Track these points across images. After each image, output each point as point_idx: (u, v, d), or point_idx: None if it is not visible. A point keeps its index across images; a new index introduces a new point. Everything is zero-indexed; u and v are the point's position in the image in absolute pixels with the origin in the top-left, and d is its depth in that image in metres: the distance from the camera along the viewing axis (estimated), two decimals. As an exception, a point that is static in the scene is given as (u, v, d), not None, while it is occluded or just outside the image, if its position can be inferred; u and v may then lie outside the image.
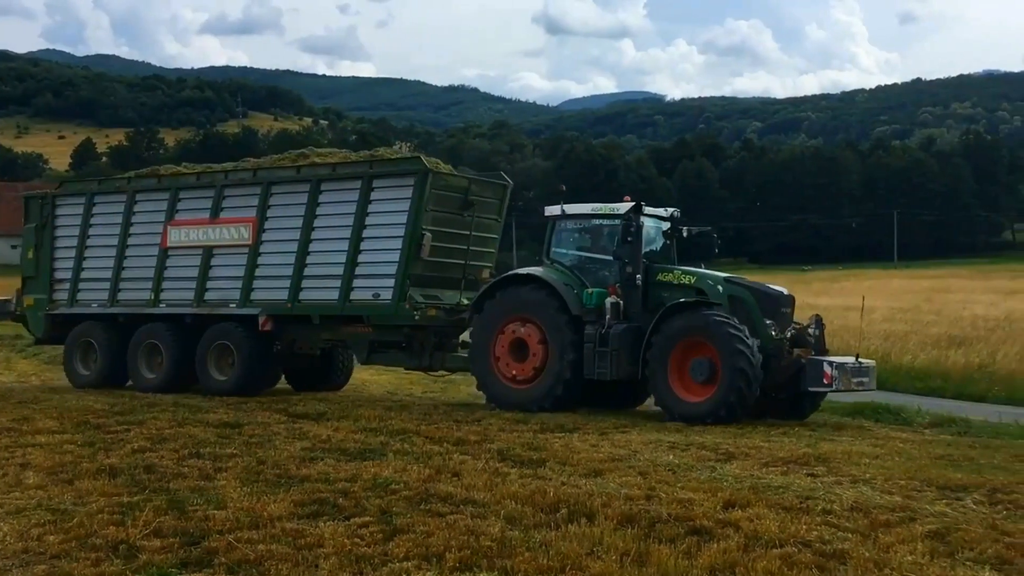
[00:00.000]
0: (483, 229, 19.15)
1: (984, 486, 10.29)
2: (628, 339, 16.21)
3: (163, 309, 20.23)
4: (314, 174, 19.04)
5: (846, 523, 8.61)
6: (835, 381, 15.80)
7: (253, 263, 19.24)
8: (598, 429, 14.45)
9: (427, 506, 9.16)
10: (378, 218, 18.14)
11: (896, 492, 10.05)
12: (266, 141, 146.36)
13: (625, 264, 16.71)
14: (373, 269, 18.07)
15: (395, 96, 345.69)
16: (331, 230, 18.55)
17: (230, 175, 20.34)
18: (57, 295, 21.54)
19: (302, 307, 18.75)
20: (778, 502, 9.38)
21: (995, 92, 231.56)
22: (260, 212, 19.25)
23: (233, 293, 19.39)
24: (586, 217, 17.65)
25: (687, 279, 16.65)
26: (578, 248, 17.68)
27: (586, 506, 8.96)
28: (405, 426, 14.33)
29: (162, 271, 20.27)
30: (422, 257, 17.73)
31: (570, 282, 16.90)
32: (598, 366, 16.26)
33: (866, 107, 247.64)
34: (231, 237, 19.56)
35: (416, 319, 17.83)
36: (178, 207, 20.28)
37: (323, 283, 18.53)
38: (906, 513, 9.00)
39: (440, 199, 18.05)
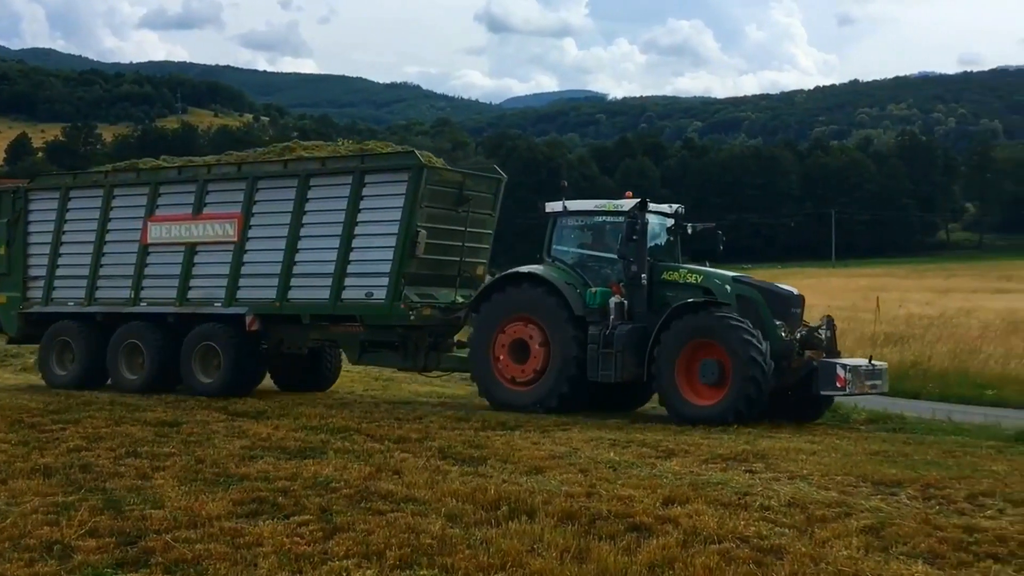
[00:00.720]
0: (478, 225, 18.67)
1: (917, 482, 10.45)
2: (633, 340, 15.77)
3: (144, 308, 19.58)
4: (303, 169, 18.46)
5: (783, 519, 8.70)
6: (849, 384, 15.35)
7: (239, 261, 18.66)
8: (539, 427, 14.48)
9: (367, 504, 9.13)
10: (371, 214, 17.64)
11: (832, 488, 10.18)
12: (206, 137, 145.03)
13: (630, 262, 16.21)
14: (366, 267, 17.58)
15: (337, 93, 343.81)
16: (321, 227, 18.02)
17: (213, 169, 19.77)
18: (31, 293, 20.86)
19: (291, 306, 18.23)
20: (717, 498, 9.47)
21: (930, 94, 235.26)
22: (246, 208, 18.65)
23: (218, 292, 18.81)
24: (589, 214, 17.22)
25: (693, 278, 16.23)
26: (580, 246, 17.26)
27: (527, 503, 8.97)
28: (346, 424, 14.26)
29: (142, 268, 19.64)
30: (417, 255, 17.26)
31: (572, 281, 16.50)
32: (602, 368, 15.85)
33: (805, 107, 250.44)
34: (215, 234, 18.95)
35: (411, 319, 17.36)
36: (158, 202, 19.62)
37: (313, 281, 18.04)
38: (842, 508, 9.12)
39: (434, 195, 17.56)
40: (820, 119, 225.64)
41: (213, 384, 18.46)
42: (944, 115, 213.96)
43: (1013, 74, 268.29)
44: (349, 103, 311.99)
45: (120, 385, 19.31)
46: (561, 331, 16.16)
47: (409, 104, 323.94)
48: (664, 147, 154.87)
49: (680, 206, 17.55)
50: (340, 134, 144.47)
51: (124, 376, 19.40)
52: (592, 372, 15.96)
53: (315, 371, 20.34)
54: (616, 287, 16.24)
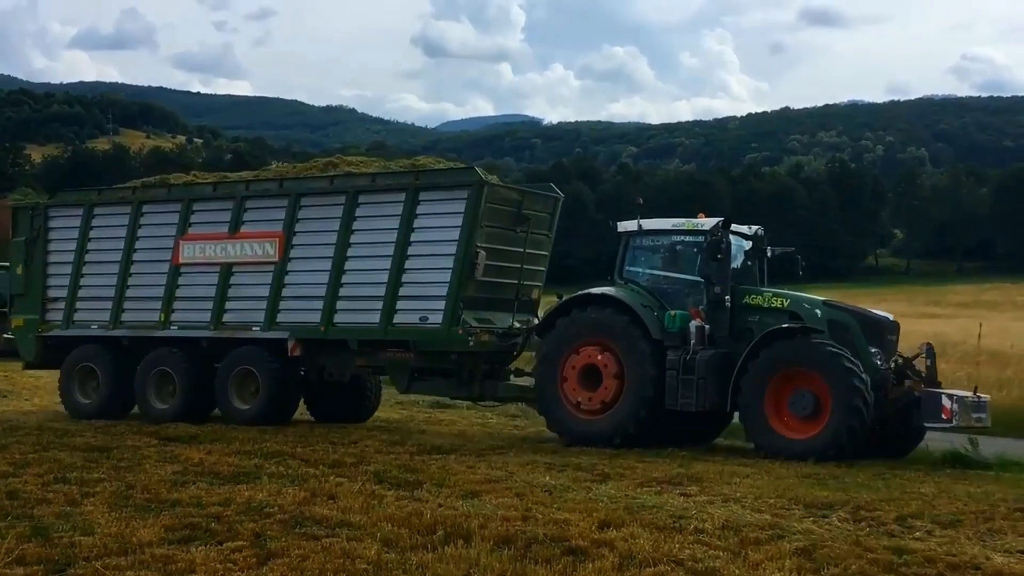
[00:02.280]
0: (535, 246, 17.73)
1: (849, 503, 10.61)
2: (716, 367, 14.89)
3: (175, 332, 18.51)
4: (351, 185, 17.51)
5: (717, 541, 8.77)
6: (955, 416, 14.35)
7: (280, 282, 17.66)
8: (475, 451, 14.50)
9: (302, 529, 9.05)
10: (426, 234, 16.69)
11: (766, 510, 10.31)
12: (138, 158, 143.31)
13: (712, 285, 15.37)
14: (420, 290, 16.62)
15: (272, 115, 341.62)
16: (371, 247, 17.05)
17: (252, 185, 18.71)
18: (50, 315, 19.68)
19: (337, 331, 17.23)
20: (652, 521, 9.53)
21: (859, 122, 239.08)
22: (288, 226, 17.65)
23: (256, 315, 17.79)
24: (666, 233, 16.36)
25: (779, 302, 15.37)
26: (655, 267, 16.40)
27: (463, 528, 8.95)
28: (280, 448, 14.14)
29: (173, 290, 18.57)
30: (475, 277, 16.35)
31: (648, 303, 15.61)
32: (682, 396, 14.96)
33: (737, 134, 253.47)
34: (254, 253, 17.93)
35: (470, 345, 16.41)
36: (192, 220, 18.58)
37: (362, 305, 17.07)
38: (775, 531, 9.22)
39: (493, 213, 16.62)
40: (752, 145, 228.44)
41: (250, 411, 17.51)
42: (872, 143, 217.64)
43: (939, 103, 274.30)
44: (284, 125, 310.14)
45: (149, 414, 18.20)
46: (637, 356, 15.24)
47: (345, 127, 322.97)
48: (599, 172, 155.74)
49: (760, 228, 16.77)
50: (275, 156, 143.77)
51: (153, 404, 18.33)
52: (670, 400, 15.06)
53: (355, 400, 19.20)
54: (695, 311, 15.38)
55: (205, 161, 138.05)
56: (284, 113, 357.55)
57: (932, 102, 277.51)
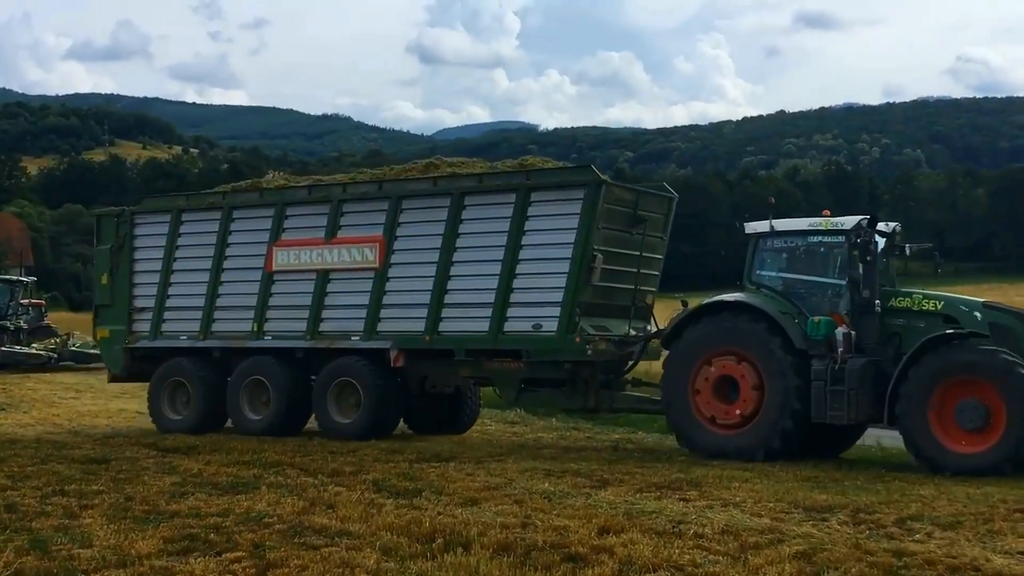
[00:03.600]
0: (650, 249, 16.94)
1: (848, 507, 10.60)
2: (869, 376, 13.98)
3: (269, 342, 17.91)
4: (456, 186, 16.82)
5: (717, 546, 8.76)
6: None
7: (380, 289, 17.00)
8: (474, 458, 14.48)
9: (301, 539, 9.04)
10: (538, 237, 15.98)
11: (765, 514, 10.29)
12: (135, 169, 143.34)
13: (858, 288, 14.35)
14: (533, 296, 15.91)
15: (268, 125, 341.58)
16: (479, 251, 16.40)
17: (349, 188, 18.03)
18: (137, 326, 19.03)
19: (443, 340, 16.58)
20: (651, 527, 9.52)
21: (855, 124, 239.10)
22: (388, 230, 16.97)
23: (355, 324, 17.18)
24: (802, 234, 15.30)
25: (931, 304, 14.34)
26: (790, 270, 15.35)
27: (462, 535, 8.95)
28: (279, 458, 14.12)
29: (267, 298, 17.97)
30: (592, 282, 15.64)
31: (787, 310, 14.70)
32: (831, 407, 13.98)
33: (733, 138, 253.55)
34: (353, 259, 17.30)
35: (588, 354, 15.69)
36: (285, 225, 17.99)
37: (469, 312, 16.39)
38: (774, 535, 9.21)
39: (609, 214, 15.90)
40: (748, 149, 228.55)
41: (351, 425, 16.92)
42: (868, 145, 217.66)
43: (934, 105, 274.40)
44: (280, 135, 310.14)
45: (242, 427, 17.67)
46: (779, 366, 14.30)
47: (341, 136, 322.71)
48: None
49: (897, 224, 15.66)
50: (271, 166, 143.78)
51: (247, 417, 17.76)
52: (817, 412, 14.09)
53: (454, 412, 18.50)
54: (839, 316, 14.44)
55: (201, 172, 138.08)
56: (280, 122, 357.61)
57: (928, 104, 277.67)
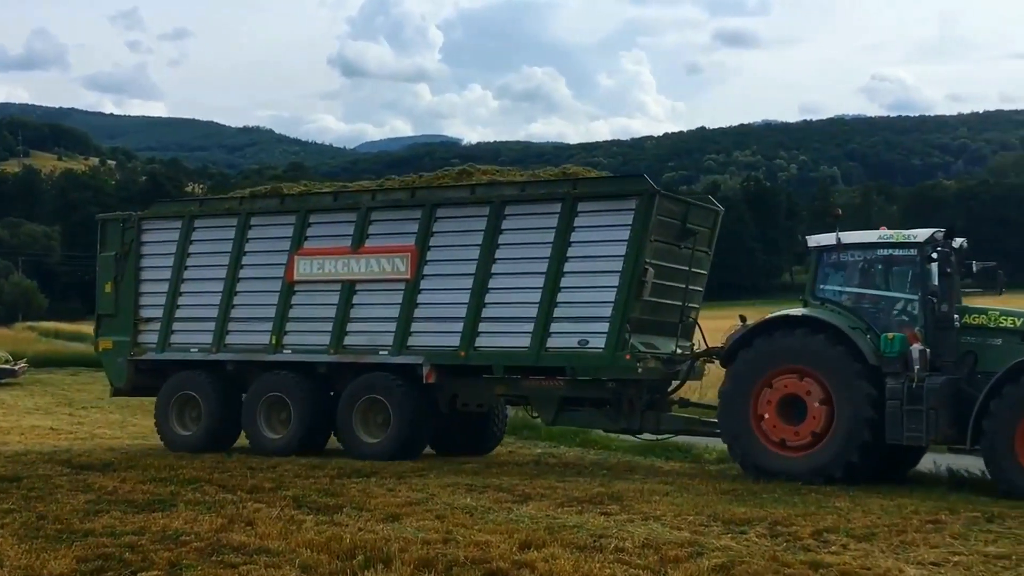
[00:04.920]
0: (697, 264, 16.36)
1: (766, 519, 10.71)
2: (949, 395, 13.34)
3: (288, 356, 17.14)
4: (496, 195, 16.09)
5: (637, 560, 8.80)
6: None
7: (412, 301, 16.24)
8: (396, 473, 14.40)
9: (219, 557, 8.92)
10: (585, 248, 15.26)
11: (685, 528, 10.37)
12: (50, 181, 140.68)
13: (934, 303, 13.82)
14: (579, 311, 15.18)
15: (187, 136, 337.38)
16: (520, 263, 15.68)
17: (379, 196, 17.36)
18: (143, 337, 18.23)
19: (480, 356, 15.82)
20: (573, 541, 9.53)
21: (773, 141, 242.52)
22: (421, 240, 16.28)
23: (384, 338, 16.41)
24: (870, 247, 14.56)
25: (1009, 321, 13.75)
26: (858, 284, 14.73)
27: (383, 551, 8.89)
28: (196, 475, 13.92)
29: (287, 310, 17.19)
30: (643, 297, 15.01)
31: (856, 325, 14.05)
32: (908, 428, 13.29)
33: (655, 153, 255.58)
34: (382, 270, 16.55)
35: (639, 372, 15.02)
36: (308, 233, 17.22)
37: (509, 327, 15.65)
38: (694, 548, 9.26)
39: (660, 226, 15.21)
40: (669, 164, 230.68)
41: (380, 444, 16.22)
42: (786, 161, 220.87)
43: (849, 122, 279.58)
44: (200, 147, 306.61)
45: (260, 445, 16.93)
46: (849, 385, 13.62)
47: (262, 148, 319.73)
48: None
49: (964, 240, 14.91)
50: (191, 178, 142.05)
51: (264, 435, 17.04)
52: (893, 433, 13.43)
53: (480, 431, 17.74)
54: (912, 333, 13.81)
55: (119, 184, 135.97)
56: (200, 134, 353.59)
57: (843, 121, 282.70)
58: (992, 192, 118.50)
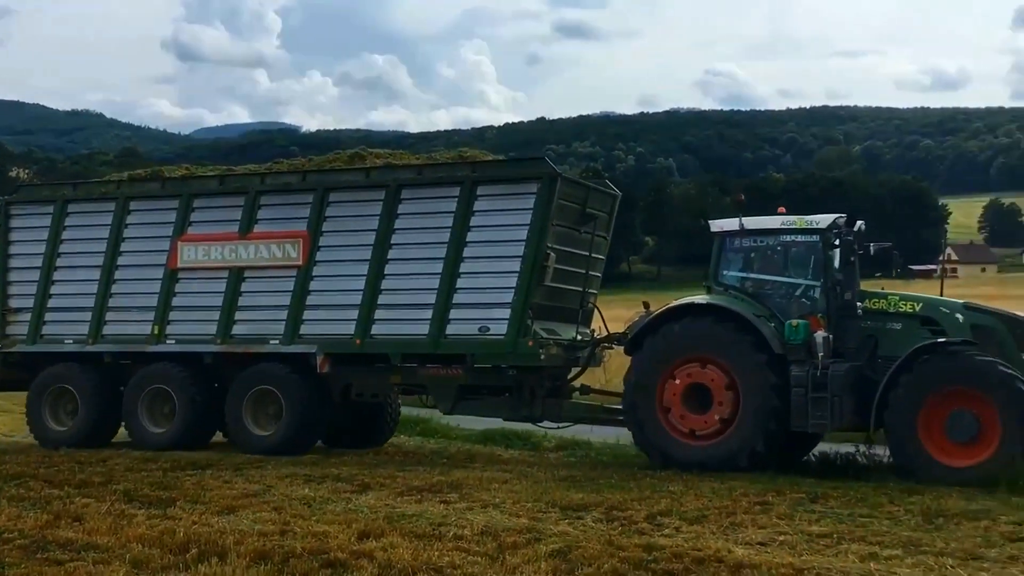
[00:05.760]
0: (597, 249, 16.14)
1: (602, 504, 10.89)
2: (852, 381, 13.32)
3: (172, 346, 16.53)
4: (392, 178, 15.66)
5: (476, 547, 8.85)
6: None
7: (304, 289, 15.77)
8: (233, 465, 14.16)
9: (44, 554, 8.62)
10: (485, 233, 14.97)
11: (523, 514, 10.47)
12: None
13: (836, 289, 13.87)
14: (479, 297, 14.86)
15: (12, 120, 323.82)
16: (417, 248, 15.32)
17: (268, 180, 16.77)
18: (12, 329, 17.32)
19: (376, 344, 15.42)
20: (412, 530, 9.54)
21: (612, 132, 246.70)
22: (313, 225, 15.83)
23: (275, 326, 15.91)
24: (773, 232, 14.48)
25: (909, 306, 13.81)
26: (760, 271, 14.57)
27: (218, 545, 8.73)
28: (21, 470, 13.44)
29: (170, 298, 16.57)
30: (544, 282, 14.72)
31: (761, 313, 13.92)
32: (813, 415, 13.22)
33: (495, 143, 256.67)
34: (272, 256, 16.04)
35: (541, 359, 14.73)
36: (192, 219, 16.62)
37: (406, 314, 15.26)
38: (532, 534, 9.36)
39: (562, 210, 14.96)
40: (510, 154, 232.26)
41: (271, 437, 15.75)
42: (624, 153, 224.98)
43: (685, 115, 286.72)
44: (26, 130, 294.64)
45: (143, 440, 16.26)
46: (755, 373, 13.53)
47: (92, 132, 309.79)
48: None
49: (862, 223, 14.81)
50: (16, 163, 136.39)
51: (147, 429, 16.38)
52: (798, 421, 13.36)
53: (373, 423, 17.36)
54: (815, 319, 13.76)
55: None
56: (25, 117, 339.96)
57: (679, 115, 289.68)
58: (818, 184, 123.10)
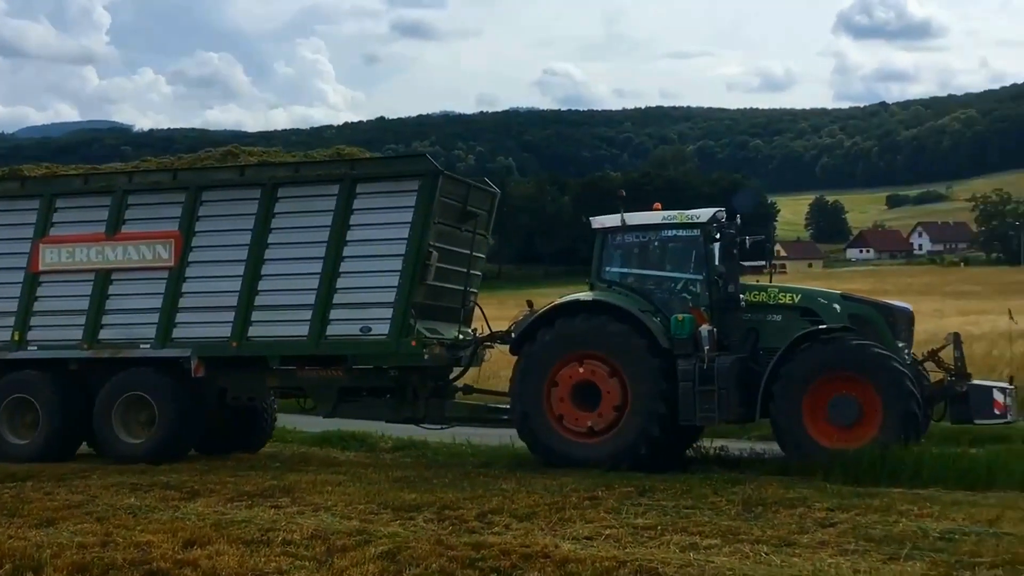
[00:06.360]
0: (478, 248, 15.90)
1: (435, 504, 10.92)
2: (737, 373, 13.46)
3: (34, 353, 15.74)
4: (269, 176, 15.24)
5: (304, 551, 8.79)
6: (1008, 410, 13.35)
7: (176, 290, 15.20)
8: (55, 475, 13.71)
9: None
10: (366, 232, 14.60)
11: (355, 517, 10.44)
12: None
13: (720, 283, 13.94)
14: (361, 296, 14.50)
15: None
16: (296, 248, 14.87)
17: (136, 178, 16.06)
18: None
19: (254, 346, 14.95)
20: (240, 536, 9.41)
21: (452, 132, 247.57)
22: (186, 225, 15.24)
23: (145, 330, 15.30)
24: (655, 228, 14.45)
25: (788, 298, 14.03)
26: (642, 266, 14.60)
27: (33, 559, 8.46)
28: None
29: (31, 303, 15.76)
30: (427, 281, 14.48)
31: (646, 308, 13.92)
32: (701, 409, 13.34)
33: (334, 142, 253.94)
34: (142, 257, 15.41)
35: (425, 359, 14.47)
36: (55, 219, 15.84)
37: (284, 315, 14.81)
38: (362, 536, 9.35)
39: (443, 208, 14.69)
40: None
41: (143, 446, 15.15)
42: (464, 152, 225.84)
43: (524, 115, 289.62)
44: None
45: (4, 452, 15.43)
46: (642, 368, 13.52)
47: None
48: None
49: (738, 215, 15.03)
50: None
51: (8, 440, 15.58)
52: (686, 414, 13.43)
53: (249, 427, 16.83)
54: (699, 313, 13.90)
55: None
56: None
57: (518, 114, 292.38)
58: (654, 183, 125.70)
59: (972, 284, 77.33)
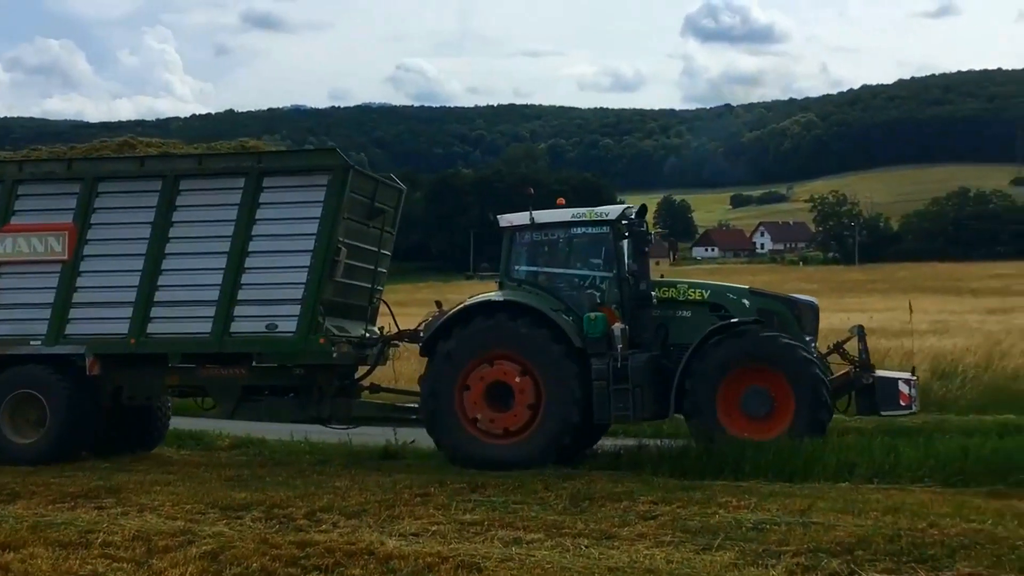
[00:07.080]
0: (385, 245, 15.69)
1: (264, 503, 10.85)
2: (651, 371, 13.46)
3: None
4: (169, 168, 14.71)
5: (123, 553, 8.67)
6: (913, 401, 13.72)
7: (70, 285, 14.60)
8: None
9: None
10: (273, 226, 14.21)
11: (180, 517, 10.30)
12: None
13: (631, 281, 13.93)
14: (267, 293, 14.13)
15: None
16: (198, 242, 14.40)
17: (27, 167, 15.29)
18: None
19: (154, 343, 14.44)
20: (57, 539, 9.22)
21: (303, 126, 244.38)
22: (80, 217, 14.65)
23: (37, 326, 14.68)
24: (564, 225, 14.31)
25: (697, 294, 14.11)
26: (551, 264, 14.43)
27: None
28: None
29: None
30: (335, 277, 14.10)
31: (558, 307, 13.76)
32: (615, 407, 13.26)
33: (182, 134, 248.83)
34: (33, 250, 14.79)
35: (333, 357, 14.16)
36: None
37: (186, 311, 14.35)
38: (186, 536, 9.24)
39: (352, 204, 14.36)
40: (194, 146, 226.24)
41: (35, 446, 14.55)
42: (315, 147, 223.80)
43: (376, 110, 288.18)
44: None
45: None
46: (556, 368, 13.36)
47: None
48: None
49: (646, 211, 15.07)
50: None
51: None
52: (601, 414, 13.36)
53: (142, 427, 16.23)
54: (610, 311, 13.74)
55: None
56: None
57: (371, 109, 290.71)
58: (505, 181, 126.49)
59: (810, 282, 79.74)
